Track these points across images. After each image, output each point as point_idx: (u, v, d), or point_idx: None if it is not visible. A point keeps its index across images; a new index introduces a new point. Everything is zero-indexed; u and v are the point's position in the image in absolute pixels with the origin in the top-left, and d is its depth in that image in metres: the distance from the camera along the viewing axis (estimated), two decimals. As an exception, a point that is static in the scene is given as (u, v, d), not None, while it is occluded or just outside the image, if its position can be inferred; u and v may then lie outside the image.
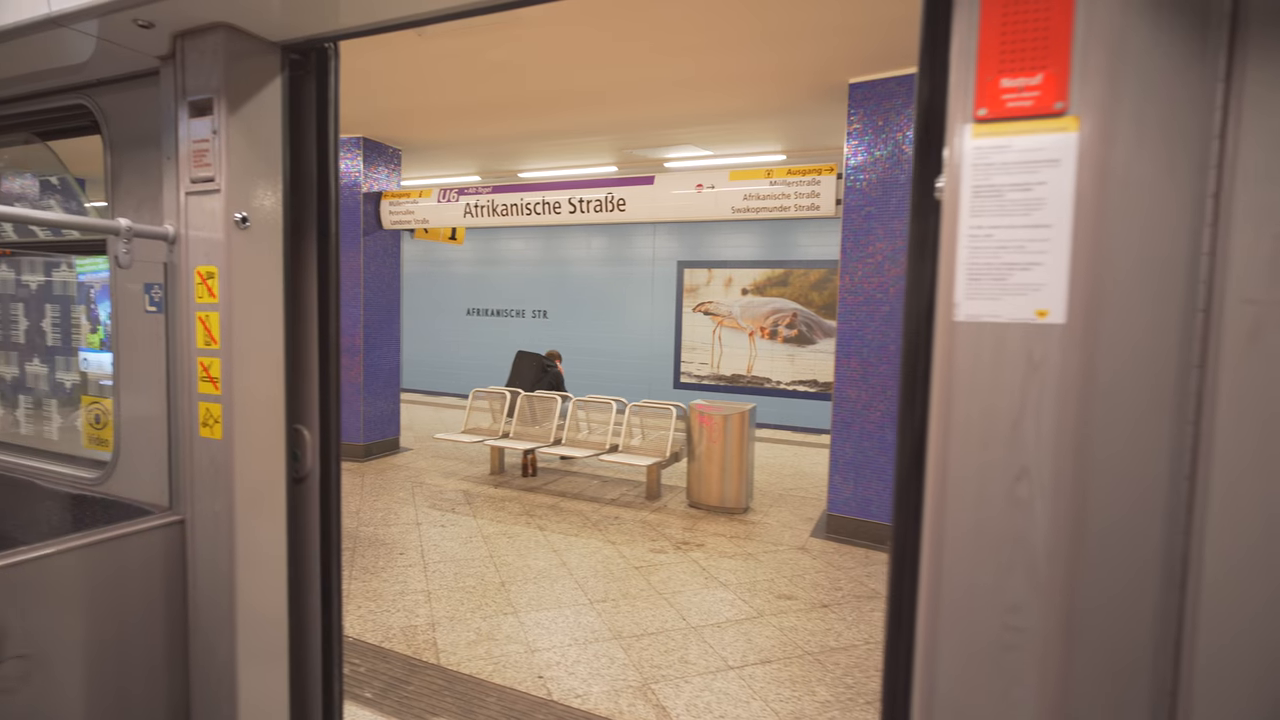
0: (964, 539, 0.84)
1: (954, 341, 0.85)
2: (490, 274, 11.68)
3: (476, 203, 6.65)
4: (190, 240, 1.49)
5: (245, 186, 1.46)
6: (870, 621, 3.59)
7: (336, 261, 1.60)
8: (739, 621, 3.56)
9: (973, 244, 0.82)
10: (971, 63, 0.82)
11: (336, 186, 1.62)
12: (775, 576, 4.18)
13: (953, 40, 0.85)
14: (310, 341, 1.60)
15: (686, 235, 10.31)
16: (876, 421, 4.77)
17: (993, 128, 0.80)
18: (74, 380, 2.13)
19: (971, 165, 0.82)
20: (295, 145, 1.55)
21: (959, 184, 0.83)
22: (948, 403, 0.85)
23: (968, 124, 0.82)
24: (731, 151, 7.27)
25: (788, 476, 6.75)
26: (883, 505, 4.76)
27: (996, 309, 0.82)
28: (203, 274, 1.47)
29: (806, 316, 9.74)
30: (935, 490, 0.87)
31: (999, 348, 0.82)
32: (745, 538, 4.89)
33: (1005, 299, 0.81)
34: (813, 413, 9.58)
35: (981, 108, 0.81)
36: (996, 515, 0.82)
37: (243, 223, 1.46)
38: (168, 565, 1.59)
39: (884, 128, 4.71)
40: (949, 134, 0.86)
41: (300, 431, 1.62)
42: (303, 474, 1.63)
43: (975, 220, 0.82)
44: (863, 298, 4.80)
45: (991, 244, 0.82)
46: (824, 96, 5.22)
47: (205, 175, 1.45)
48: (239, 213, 1.46)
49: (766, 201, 5.38)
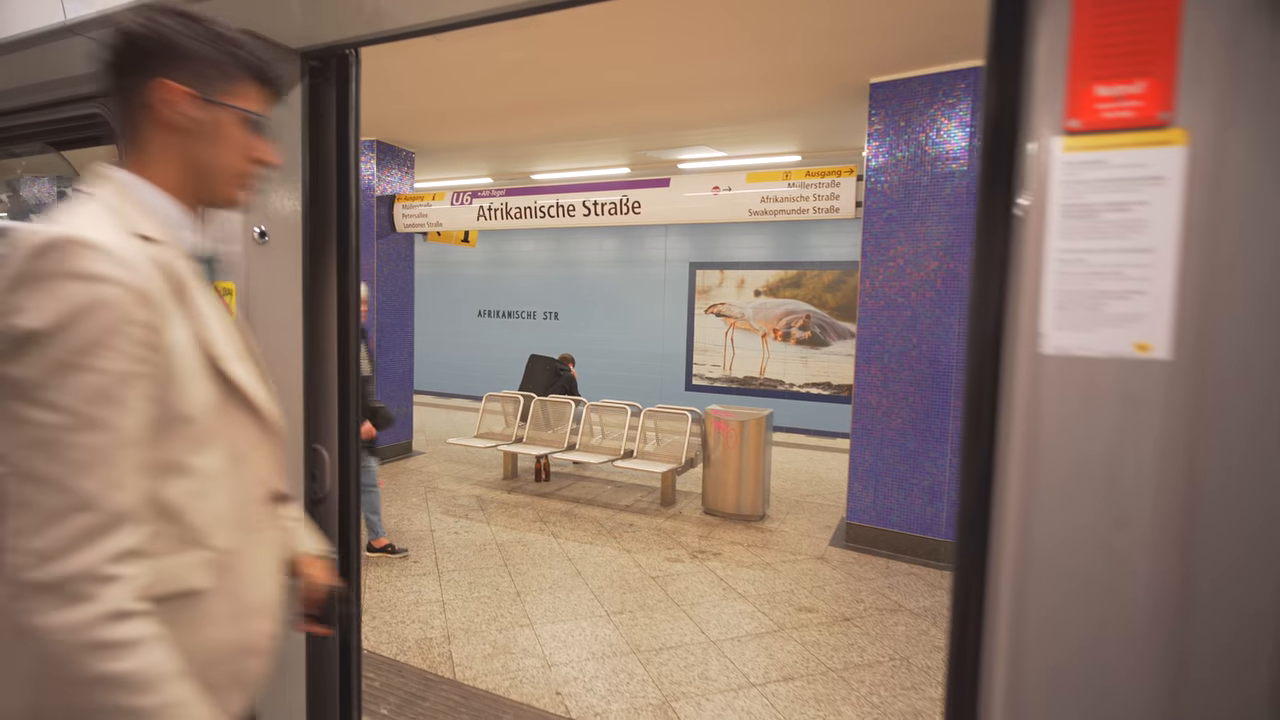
0: (1051, 593, 0.77)
1: (1039, 376, 0.77)
2: (501, 276, 11.65)
3: (490, 205, 6.60)
4: (207, 255, 1.44)
5: (264, 200, 1.40)
6: (894, 636, 3.50)
7: (357, 275, 1.54)
8: (759, 635, 3.48)
9: (1061, 269, 0.75)
10: (1061, 68, 0.74)
11: (358, 197, 1.55)
12: (795, 588, 4.10)
13: (1037, 43, 0.77)
14: (329, 359, 1.55)
15: (699, 236, 10.23)
16: (898, 429, 4.68)
17: (1086, 141, 0.73)
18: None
19: (1061, 182, 0.74)
20: (315, 155, 1.49)
21: (1045, 202, 0.76)
22: (1031, 441, 0.77)
23: (1056, 136, 0.75)
24: (746, 153, 7.19)
25: (804, 482, 6.67)
26: (904, 514, 4.67)
27: (1088, 341, 0.74)
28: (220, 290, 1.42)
29: (820, 318, 9.63)
30: (1016, 536, 0.79)
31: (1091, 384, 0.74)
32: (763, 546, 4.81)
33: (1099, 330, 0.73)
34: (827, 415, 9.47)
35: (1073, 118, 0.73)
36: (1090, 567, 0.75)
37: (261, 237, 1.40)
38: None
39: (906, 129, 4.62)
40: (1033, 147, 0.78)
41: (319, 452, 1.56)
42: (321, 495, 1.57)
43: (1065, 243, 0.75)
44: (884, 302, 4.71)
45: (1083, 269, 0.74)
46: (843, 97, 5.13)
47: None
48: (258, 227, 1.40)
49: (784, 204, 5.30)
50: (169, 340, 0.83)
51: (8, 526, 0.73)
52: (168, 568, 0.84)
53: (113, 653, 0.73)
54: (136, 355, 0.78)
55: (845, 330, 9.46)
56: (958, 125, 4.43)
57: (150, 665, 0.75)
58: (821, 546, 4.84)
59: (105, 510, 0.75)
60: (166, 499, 0.84)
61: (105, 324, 0.76)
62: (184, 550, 0.87)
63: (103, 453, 0.75)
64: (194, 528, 0.87)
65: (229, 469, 0.91)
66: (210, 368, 0.89)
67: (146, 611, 0.77)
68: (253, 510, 0.96)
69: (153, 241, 0.86)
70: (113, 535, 0.75)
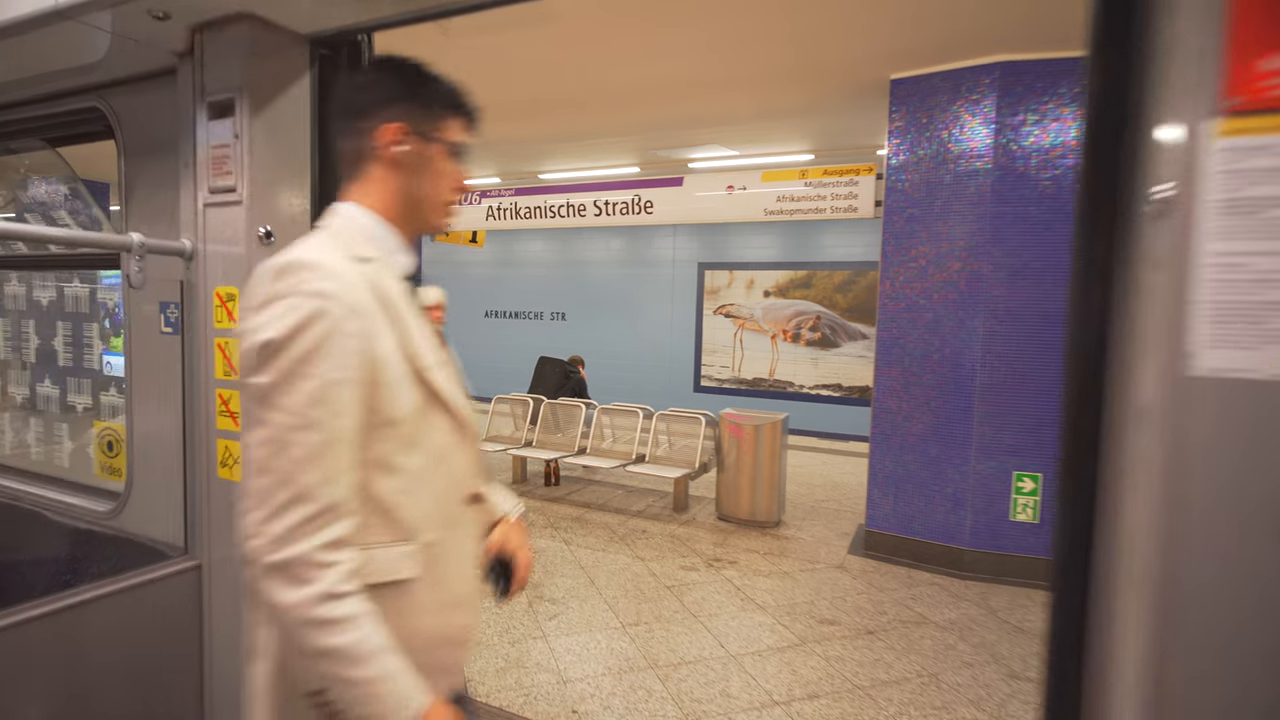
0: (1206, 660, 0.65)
1: (1186, 401, 0.65)
2: (508, 276, 11.55)
3: (499, 205, 6.50)
4: (209, 257, 1.33)
5: (270, 197, 1.29)
6: (920, 651, 3.38)
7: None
8: (780, 650, 3.36)
9: (1217, 275, 0.63)
10: (1214, 36, 0.62)
11: None
12: (815, 598, 3.98)
13: (1178, 10, 0.66)
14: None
15: (707, 236, 10.11)
16: (919, 434, 4.55)
17: (1249, 123, 0.61)
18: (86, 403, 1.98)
19: (1216, 173, 0.63)
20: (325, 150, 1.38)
21: (1193, 197, 0.64)
22: (1178, 474, 0.66)
23: (1209, 119, 0.63)
24: (758, 152, 7.07)
25: (818, 487, 6.54)
26: (926, 523, 4.54)
27: (1254, 362, 0.62)
28: (222, 295, 1.31)
29: (830, 319, 9.50)
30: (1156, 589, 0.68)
31: (1260, 412, 0.62)
32: (779, 554, 4.69)
33: (1267, 349, 0.62)
34: (838, 418, 9.35)
35: (1233, 96, 0.62)
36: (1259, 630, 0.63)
37: (267, 238, 1.29)
38: (183, 616, 1.43)
39: (928, 125, 4.49)
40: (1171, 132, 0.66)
41: None
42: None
43: (1221, 244, 0.63)
44: (905, 304, 4.58)
45: (1246, 276, 0.62)
46: (861, 94, 5.00)
47: (226, 185, 1.29)
48: (263, 226, 1.29)
49: (801, 203, 5.18)
50: (379, 350, 0.92)
51: (252, 515, 0.85)
52: (380, 558, 0.94)
53: (329, 629, 0.84)
54: (350, 363, 0.88)
55: (856, 331, 9.33)
56: (982, 122, 4.30)
57: (362, 640, 0.85)
58: (840, 555, 4.71)
59: (322, 502, 0.85)
60: (378, 495, 0.93)
61: (323, 334, 0.86)
62: (395, 543, 0.95)
63: (321, 450, 0.85)
64: (403, 522, 0.96)
65: (433, 469, 0.99)
66: (415, 375, 0.96)
67: (358, 592, 0.87)
68: (454, 508, 1.04)
69: (369, 262, 0.96)
70: (329, 525, 0.85)
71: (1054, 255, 4.13)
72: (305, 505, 0.84)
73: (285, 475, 0.84)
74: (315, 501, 0.84)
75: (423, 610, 0.98)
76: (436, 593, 1.00)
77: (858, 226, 9.36)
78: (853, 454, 8.06)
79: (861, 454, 7.83)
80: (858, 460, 7.61)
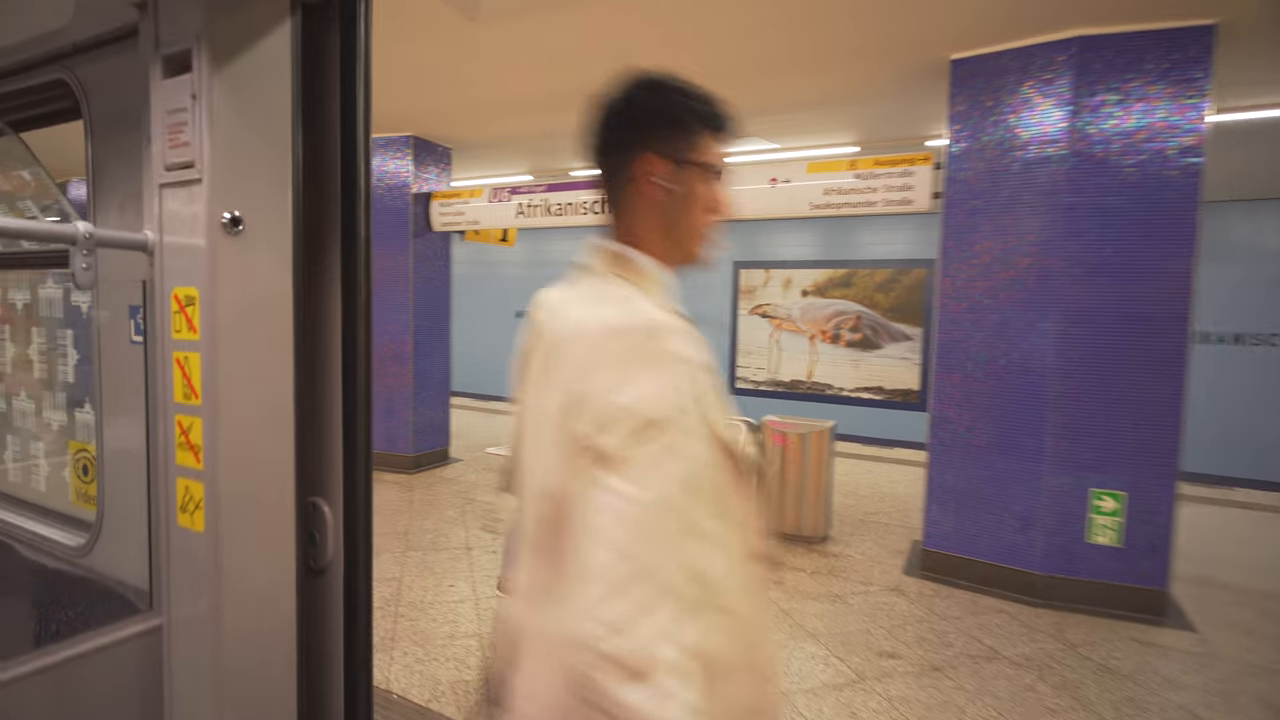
0: None
1: None
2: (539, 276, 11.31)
3: (530, 202, 6.28)
4: (166, 250, 1.08)
5: (236, 173, 1.03)
6: (994, 692, 3.01)
7: (367, 279, 1.15)
8: (838, 687, 3.04)
9: None
10: None
11: (368, 177, 1.16)
12: (871, 626, 3.64)
13: None
14: (332, 386, 1.17)
15: (742, 234, 9.77)
16: (982, 445, 4.17)
17: None
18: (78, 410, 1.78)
19: None
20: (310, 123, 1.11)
21: None
22: None
23: None
24: (800, 145, 6.71)
25: (865, 498, 6.16)
26: (993, 543, 4.15)
27: None
28: (180, 298, 1.06)
29: (871, 319, 9.07)
30: None
31: None
32: (829, 574, 4.35)
33: None
34: (880, 422, 8.95)
35: None
36: None
37: (233, 225, 1.04)
38: (144, 685, 1.19)
39: (993, 109, 4.10)
40: None
41: (318, 507, 1.19)
42: (322, 564, 1.20)
43: None
44: (967, 304, 4.20)
45: None
46: (915, 77, 4.62)
47: (183, 160, 1.04)
48: (228, 211, 1.04)
49: (850, 196, 4.82)
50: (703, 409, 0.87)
51: (585, 592, 0.77)
52: (697, 629, 0.85)
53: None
54: (696, 431, 0.84)
55: (899, 332, 8.89)
56: (1055, 103, 3.90)
57: None
58: (895, 575, 4.35)
59: (661, 581, 0.77)
60: (689, 562, 0.85)
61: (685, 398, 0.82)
62: (707, 612, 0.87)
63: (659, 523, 0.79)
64: (711, 589, 0.88)
65: (728, 530, 0.92)
66: (711, 431, 0.89)
67: (693, 684, 0.78)
68: (749, 569, 0.97)
69: (682, 317, 0.91)
70: (666, 605, 0.77)
71: (1137, 250, 3.71)
72: (645, 584, 0.76)
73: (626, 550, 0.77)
74: (654, 580, 0.77)
75: (736, 682, 0.92)
76: (747, 661, 0.94)
77: (900, 223, 8.92)
78: (898, 461, 7.64)
79: (908, 461, 7.40)
80: (904, 469, 7.20)
